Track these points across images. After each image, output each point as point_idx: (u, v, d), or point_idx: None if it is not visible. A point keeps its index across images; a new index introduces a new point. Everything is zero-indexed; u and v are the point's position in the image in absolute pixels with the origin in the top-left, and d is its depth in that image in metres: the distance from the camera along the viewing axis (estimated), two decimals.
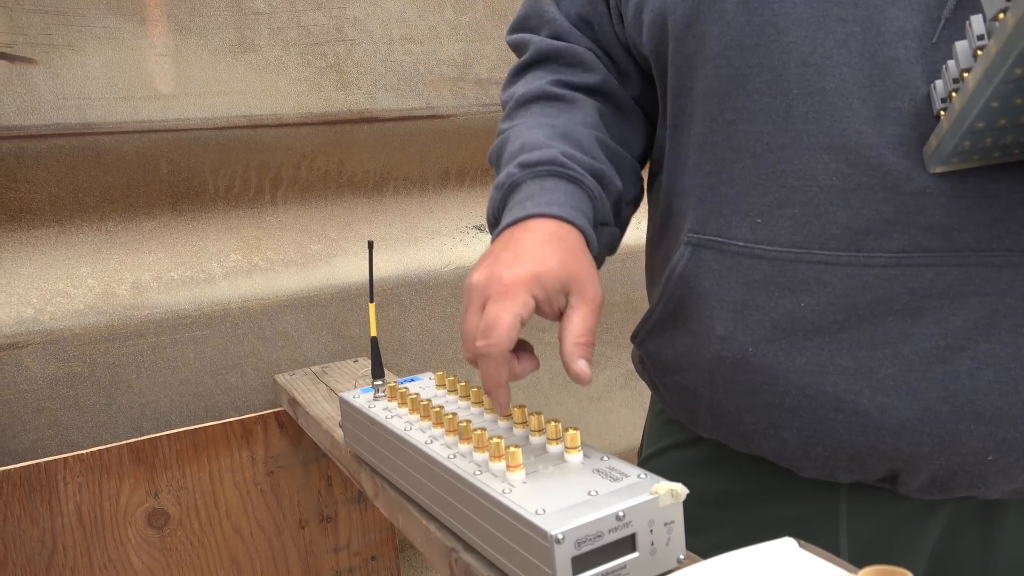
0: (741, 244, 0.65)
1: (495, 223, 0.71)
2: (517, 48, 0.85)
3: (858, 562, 0.68)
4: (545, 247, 0.61)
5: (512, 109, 0.79)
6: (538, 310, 0.61)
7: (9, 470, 1.05)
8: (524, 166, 0.68)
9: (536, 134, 0.71)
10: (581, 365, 0.59)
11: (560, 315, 0.62)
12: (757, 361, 0.65)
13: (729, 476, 0.76)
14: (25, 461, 1.07)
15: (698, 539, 0.68)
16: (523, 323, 0.59)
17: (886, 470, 0.64)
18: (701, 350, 0.69)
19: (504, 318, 0.58)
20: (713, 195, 0.67)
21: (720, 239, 0.66)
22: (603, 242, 0.72)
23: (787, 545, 0.51)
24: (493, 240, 0.67)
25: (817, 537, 0.67)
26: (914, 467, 0.62)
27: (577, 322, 0.60)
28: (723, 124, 0.65)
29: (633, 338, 0.80)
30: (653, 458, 0.87)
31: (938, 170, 0.57)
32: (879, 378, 0.60)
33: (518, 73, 0.83)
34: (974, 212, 0.56)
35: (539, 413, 0.67)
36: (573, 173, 0.68)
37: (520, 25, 0.85)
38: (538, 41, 0.81)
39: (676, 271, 0.70)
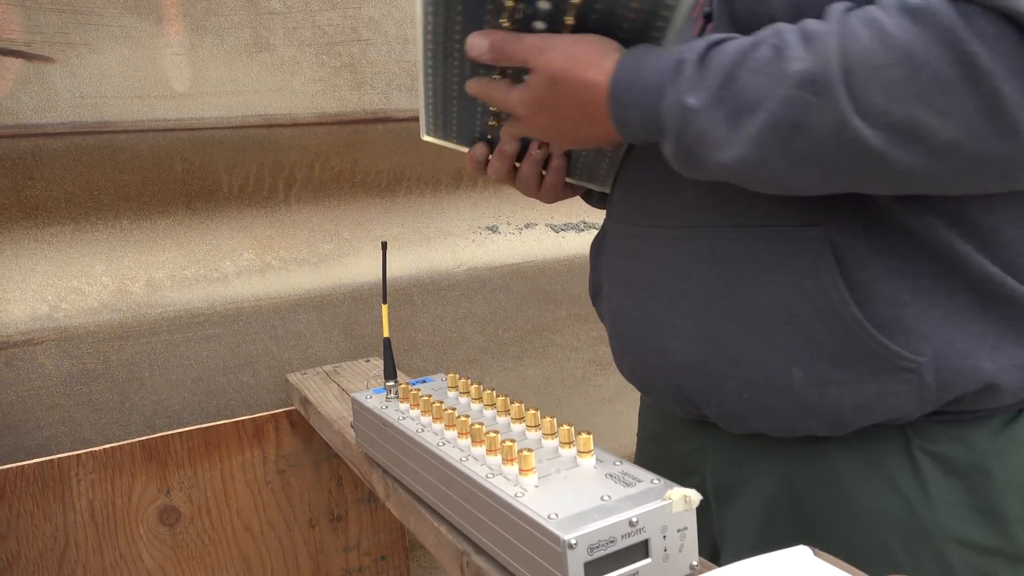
0: (612, 222, 0.83)
1: None
2: None
3: (720, 498, 0.77)
4: None
5: None
6: None
7: (23, 466, 1.06)
8: None
9: None
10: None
11: None
12: (620, 314, 0.80)
13: (654, 417, 0.90)
14: (39, 457, 1.08)
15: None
16: None
17: (691, 404, 0.75)
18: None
19: None
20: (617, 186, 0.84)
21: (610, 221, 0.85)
22: None
23: (801, 553, 0.51)
24: None
25: (695, 471, 0.80)
26: (704, 401, 0.73)
27: None
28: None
29: None
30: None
31: (425, 139, 0.78)
32: (673, 327, 0.73)
33: None
34: (709, 195, 0.69)
35: (552, 416, 0.67)
36: None
37: None
38: None
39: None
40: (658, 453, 0.88)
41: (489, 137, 0.81)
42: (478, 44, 0.69)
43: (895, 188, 0.59)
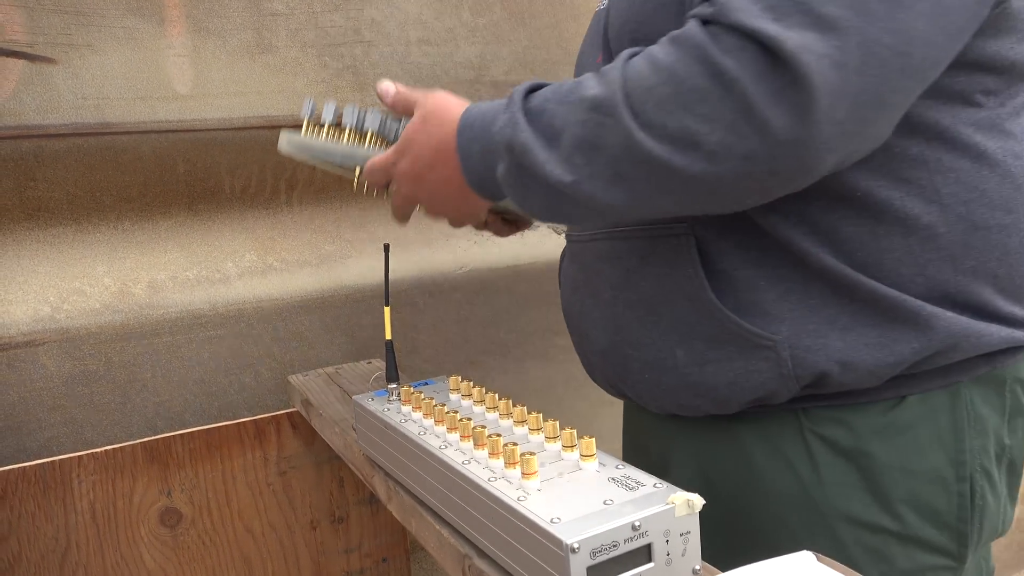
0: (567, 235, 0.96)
1: None
2: None
3: (661, 476, 0.81)
4: None
5: None
6: None
7: (24, 467, 1.06)
8: None
9: None
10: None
11: None
12: (567, 310, 0.93)
13: (624, 404, 1.02)
14: (40, 459, 1.08)
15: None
16: None
17: (618, 387, 0.86)
18: None
19: None
20: None
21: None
22: None
23: (805, 559, 0.51)
24: None
25: (647, 451, 0.91)
26: (622, 383, 0.84)
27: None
28: None
29: None
30: None
31: None
32: (593, 317, 0.85)
33: None
34: None
35: (554, 420, 0.67)
36: None
37: None
38: None
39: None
40: (627, 437, 1.00)
41: None
42: (386, 88, 0.83)
43: (692, 200, 0.66)
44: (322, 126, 0.86)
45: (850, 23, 0.57)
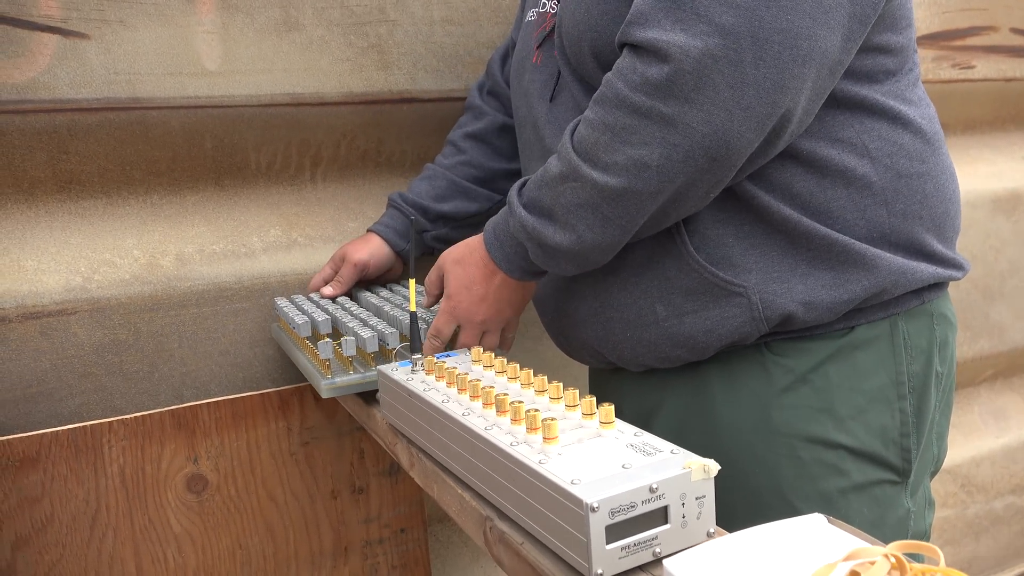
0: None
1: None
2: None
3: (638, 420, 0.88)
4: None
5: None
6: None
7: (57, 431, 1.09)
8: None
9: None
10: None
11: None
12: (540, 290, 1.01)
13: (594, 377, 1.13)
14: (72, 423, 1.11)
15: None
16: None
17: (599, 353, 0.95)
18: None
19: None
20: None
21: None
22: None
23: (816, 520, 0.52)
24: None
25: (617, 411, 0.94)
26: (604, 348, 0.93)
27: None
28: None
29: None
30: None
31: None
32: (573, 290, 0.94)
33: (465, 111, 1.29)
34: None
35: (574, 388, 0.68)
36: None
37: (484, 75, 1.29)
38: (474, 93, 1.27)
39: None
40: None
41: None
42: (426, 301, 1.03)
43: (666, 211, 0.78)
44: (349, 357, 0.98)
45: (742, 28, 0.69)
